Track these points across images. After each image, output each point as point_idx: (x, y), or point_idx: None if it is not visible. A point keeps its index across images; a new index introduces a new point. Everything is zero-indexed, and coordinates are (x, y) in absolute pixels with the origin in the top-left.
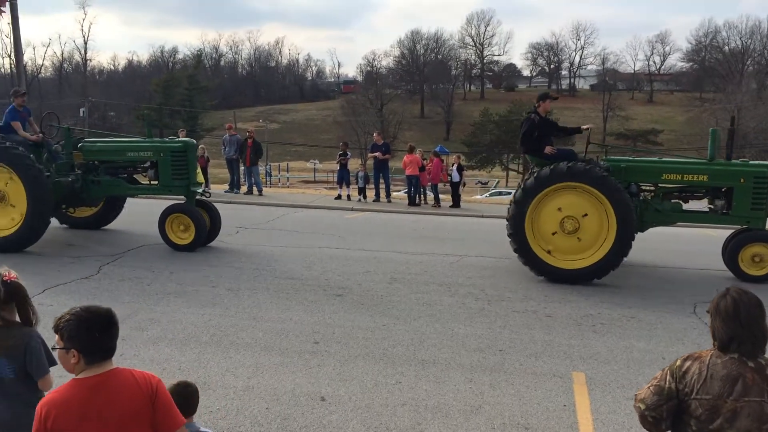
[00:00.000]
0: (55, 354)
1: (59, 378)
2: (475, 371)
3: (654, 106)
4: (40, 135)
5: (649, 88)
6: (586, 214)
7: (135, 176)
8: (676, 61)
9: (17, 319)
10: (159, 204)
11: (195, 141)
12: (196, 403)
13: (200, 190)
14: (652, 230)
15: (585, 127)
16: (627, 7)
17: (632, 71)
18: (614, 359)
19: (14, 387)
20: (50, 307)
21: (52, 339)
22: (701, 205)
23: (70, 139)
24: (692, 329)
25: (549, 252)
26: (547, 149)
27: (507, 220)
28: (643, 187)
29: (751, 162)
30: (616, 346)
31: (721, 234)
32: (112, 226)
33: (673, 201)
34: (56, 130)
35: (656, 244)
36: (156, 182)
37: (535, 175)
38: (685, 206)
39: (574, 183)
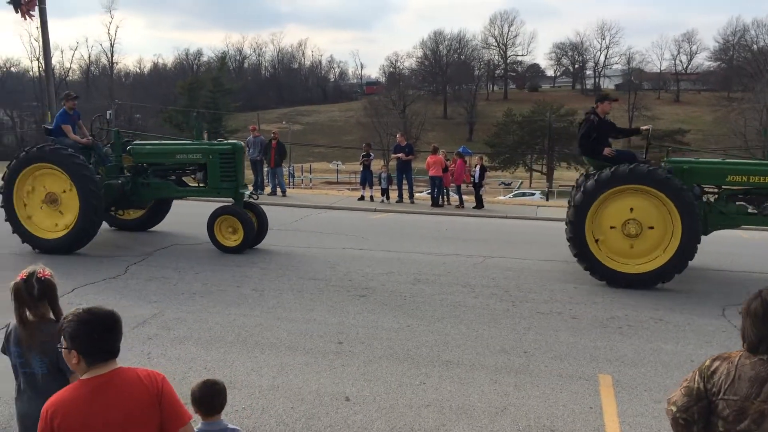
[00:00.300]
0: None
1: None
2: (500, 373)
3: (681, 106)
4: (90, 138)
5: (676, 88)
6: (652, 227)
7: (183, 178)
8: (703, 60)
9: (51, 316)
10: (191, 206)
11: (242, 143)
12: (224, 402)
13: (248, 192)
14: None
15: (644, 128)
16: (653, 6)
17: (658, 71)
18: (641, 362)
19: (46, 383)
20: (79, 307)
21: None
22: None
23: (119, 142)
24: (721, 332)
25: (597, 241)
26: (606, 151)
27: (567, 235)
28: (706, 189)
29: None
30: (643, 348)
31: (755, 236)
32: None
33: (737, 203)
34: (105, 132)
35: None
36: (204, 184)
37: (596, 177)
38: None
39: (639, 186)
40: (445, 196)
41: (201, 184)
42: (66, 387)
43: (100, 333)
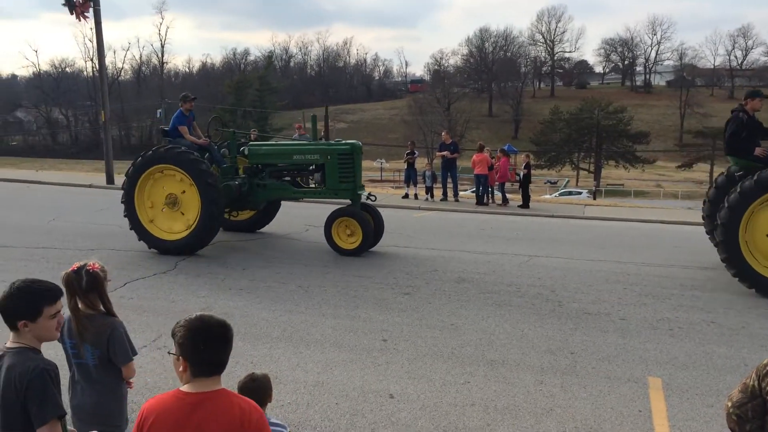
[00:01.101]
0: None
1: (140, 369)
2: (546, 373)
3: (735, 103)
4: (207, 139)
5: (730, 84)
6: None
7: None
8: (759, 56)
9: (102, 309)
10: None
11: (361, 143)
12: (268, 395)
13: (365, 194)
14: None
15: None
16: (706, 0)
17: (712, 66)
18: (693, 365)
19: (99, 374)
20: (131, 300)
21: (133, 330)
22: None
23: (234, 143)
24: None
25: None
26: (758, 151)
27: (721, 255)
28: None
29: None
30: (694, 351)
31: None
32: None
33: None
34: (220, 133)
35: None
36: (322, 185)
37: (739, 189)
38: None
39: None
40: (490, 195)
41: (318, 185)
42: (170, 392)
43: (204, 343)
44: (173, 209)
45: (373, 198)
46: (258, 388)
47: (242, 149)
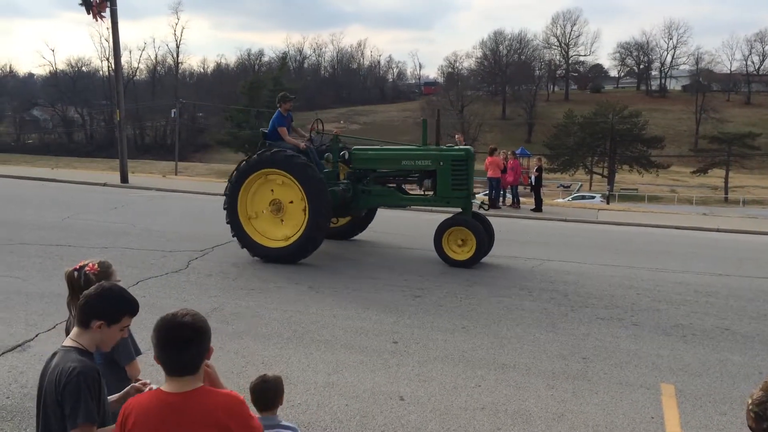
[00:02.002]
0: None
1: (150, 367)
2: (557, 378)
3: (751, 108)
4: (308, 142)
5: (747, 90)
6: None
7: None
8: None
9: None
10: None
11: (473, 149)
12: (279, 397)
13: (477, 202)
14: (734, 237)
15: None
16: (724, 5)
17: (728, 71)
18: (706, 372)
19: (103, 373)
20: (143, 299)
21: (144, 329)
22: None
23: (337, 147)
24: None
25: None
26: None
27: None
28: None
29: None
30: (708, 358)
31: None
32: (202, 222)
33: None
34: (320, 137)
35: (754, 253)
36: (432, 193)
37: None
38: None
39: None
40: (502, 198)
41: (427, 192)
42: (149, 393)
43: (164, 343)
44: (277, 215)
45: (485, 207)
46: (269, 390)
47: (342, 153)
